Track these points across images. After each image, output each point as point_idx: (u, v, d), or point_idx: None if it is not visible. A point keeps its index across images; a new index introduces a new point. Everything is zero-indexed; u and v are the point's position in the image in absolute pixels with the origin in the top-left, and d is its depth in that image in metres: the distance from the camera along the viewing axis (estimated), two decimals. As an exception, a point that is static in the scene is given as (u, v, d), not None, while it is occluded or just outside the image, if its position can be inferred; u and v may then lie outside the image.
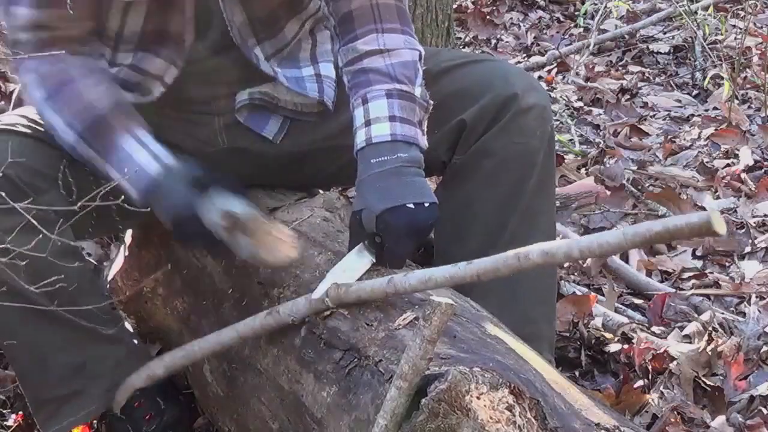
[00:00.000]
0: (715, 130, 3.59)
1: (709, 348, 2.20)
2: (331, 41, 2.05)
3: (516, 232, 1.92)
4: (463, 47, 4.37)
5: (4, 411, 2.19)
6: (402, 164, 1.76)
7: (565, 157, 3.31)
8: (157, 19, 1.85)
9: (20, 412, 2.17)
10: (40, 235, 1.60)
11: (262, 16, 1.92)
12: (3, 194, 1.62)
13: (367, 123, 1.80)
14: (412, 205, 1.73)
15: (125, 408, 1.96)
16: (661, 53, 4.50)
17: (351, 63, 1.87)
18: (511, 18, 4.94)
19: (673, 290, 2.59)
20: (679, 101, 4.01)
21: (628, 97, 4.03)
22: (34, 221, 1.58)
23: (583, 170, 3.28)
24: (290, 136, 2.02)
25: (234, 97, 1.98)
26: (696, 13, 4.52)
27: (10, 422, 2.15)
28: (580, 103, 3.92)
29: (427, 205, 1.74)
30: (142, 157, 1.80)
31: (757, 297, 2.52)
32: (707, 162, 3.35)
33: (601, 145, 3.44)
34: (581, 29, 4.78)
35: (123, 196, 1.70)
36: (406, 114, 1.80)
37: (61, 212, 1.71)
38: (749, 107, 3.87)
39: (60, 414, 1.93)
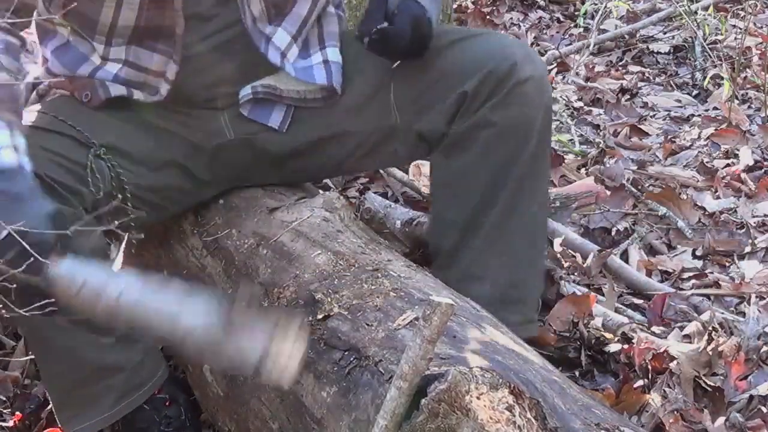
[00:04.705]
0: (715, 130, 3.58)
1: (709, 348, 2.20)
2: (338, 23, 2.07)
3: (510, 198, 1.96)
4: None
5: (4, 411, 2.19)
6: None
7: (565, 157, 3.31)
8: (150, 13, 1.87)
9: (19, 413, 2.17)
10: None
11: (279, 1, 1.96)
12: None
13: None
14: (427, 16, 1.89)
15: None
16: (661, 53, 4.50)
17: None
18: (511, 18, 4.94)
19: (673, 290, 2.59)
20: (679, 101, 4.01)
21: (628, 97, 4.02)
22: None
23: (583, 170, 3.28)
24: (296, 124, 2.05)
25: (237, 92, 2.00)
26: (696, 13, 4.52)
27: (10, 423, 2.15)
28: (580, 103, 3.92)
29: (432, 27, 1.90)
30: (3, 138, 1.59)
31: (757, 297, 2.51)
32: (707, 162, 3.35)
33: (601, 145, 3.43)
34: (581, 29, 4.78)
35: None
36: None
37: (90, 210, 1.72)
38: (749, 107, 3.87)
39: (83, 416, 1.92)
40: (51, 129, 1.85)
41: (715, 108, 3.86)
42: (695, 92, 4.12)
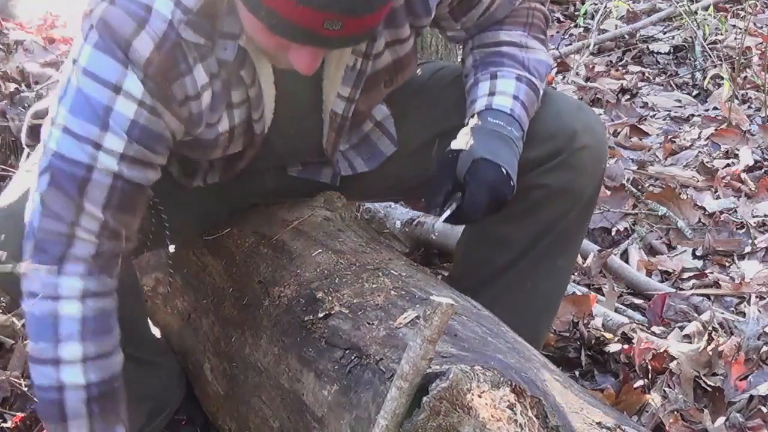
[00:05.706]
0: (715, 130, 3.59)
1: (709, 348, 2.20)
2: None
3: (545, 250, 1.93)
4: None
5: (4, 411, 2.18)
6: (513, 139, 1.77)
7: (565, 157, 3.31)
8: (226, 162, 1.84)
9: (19, 414, 2.17)
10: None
11: (360, 125, 1.92)
12: None
13: (491, 93, 1.80)
14: (504, 171, 1.73)
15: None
16: (661, 53, 4.51)
17: (486, 46, 1.87)
18: (511, 18, 4.94)
19: (673, 290, 2.59)
20: (679, 101, 4.01)
21: (628, 97, 4.03)
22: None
23: (583, 170, 3.28)
24: (347, 178, 2.00)
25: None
26: (696, 13, 4.53)
27: (9, 423, 2.15)
28: (580, 103, 3.92)
29: (512, 183, 1.74)
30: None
31: (757, 297, 2.52)
32: (707, 162, 3.35)
33: (601, 145, 3.43)
34: (581, 29, 4.79)
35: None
36: (527, 102, 1.81)
37: (132, 253, 1.74)
38: (749, 107, 3.87)
39: None
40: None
41: (715, 108, 3.87)
42: (695, 92, 4.13)
